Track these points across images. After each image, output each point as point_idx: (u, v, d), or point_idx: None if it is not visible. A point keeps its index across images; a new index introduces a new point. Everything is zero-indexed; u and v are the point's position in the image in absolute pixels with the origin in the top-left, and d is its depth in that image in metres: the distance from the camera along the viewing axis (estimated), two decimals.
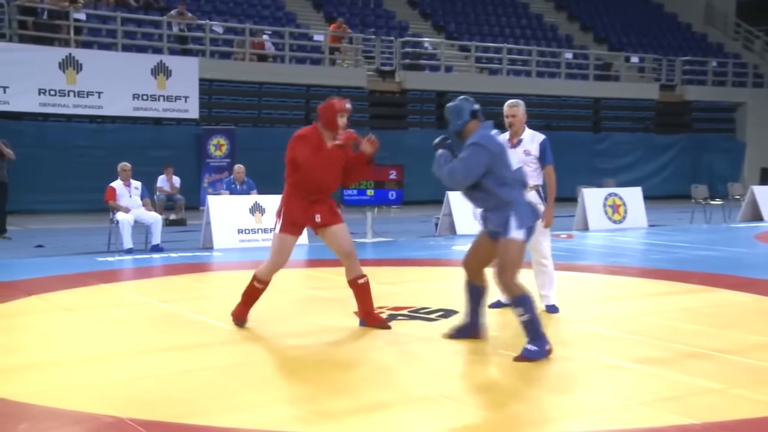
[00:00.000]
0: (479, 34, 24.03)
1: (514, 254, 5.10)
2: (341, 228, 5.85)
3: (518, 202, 5.17)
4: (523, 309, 5.07)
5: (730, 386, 4.55)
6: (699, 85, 25.18)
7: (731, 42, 28.75)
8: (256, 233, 11.64)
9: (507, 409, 4.23)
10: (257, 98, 19.70)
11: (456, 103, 5.34)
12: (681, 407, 4.19)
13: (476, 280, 5.51)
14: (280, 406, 4.22)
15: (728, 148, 25.06)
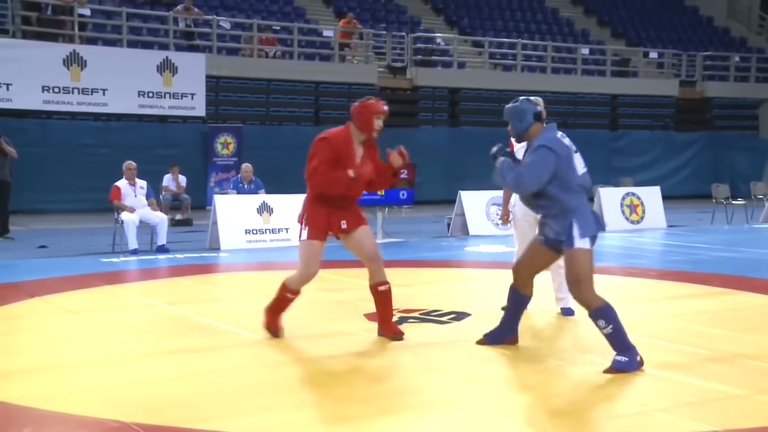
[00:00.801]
0: (493, 29, 24.00)
1: (584, 265, 4.94)
2: (365, 231, 5.67)
3: (582, 209, 5.03)
4: (605, 321, 4.91)
5: (753, 392, 4.52)
6: (720, 81, 25.04)
7: (755, 36, 28.57)
8: (263, 234, 11.66)
9: (521, 414, 4.22)
10: (265, 95, 19.75)
11: (517, 105, 5.17)
12: (701, 413, 4.16)
13: (524, 288, 5.39)
14: (287, 411, 4.23)
15: (751, 147, 24.92)
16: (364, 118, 5.54)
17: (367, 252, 5.66)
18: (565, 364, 5.19)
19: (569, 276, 5.01)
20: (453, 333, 6.01)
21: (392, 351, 5.48)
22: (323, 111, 20.28)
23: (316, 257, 5.61)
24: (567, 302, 6.61)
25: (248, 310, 7.09)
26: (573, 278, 4.98)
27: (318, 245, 5.60)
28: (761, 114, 25.99)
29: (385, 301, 5.72)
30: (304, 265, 5.63)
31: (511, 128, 5.19)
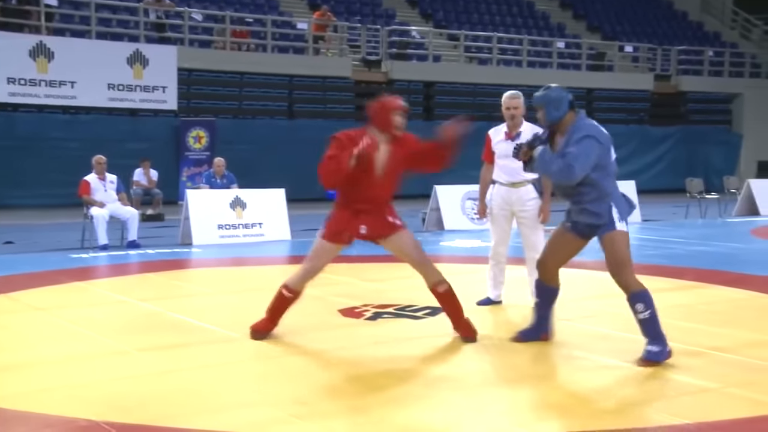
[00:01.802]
0: (468, 22, 24.05)
1: (624, 247, 4.96)
2: (402, 236, 5.49)
3: (616, 193, 5.06)
4: (644, 305, 4.91)
5: (725, 385, 4.59)
6: (695, 76, 25.31)
7: (728, 31, 28.90)
8: (236, 229, 11.62)
9: (495, 407, 4.25)
10: (238, 89, 19.65)
11: (553, 93, 5.12)
12: (675, 407, 4.22)
13: (551, 281, 5.37)
14: (261, 408, 4.22)
15: (724, 141, 25.23)
16: (382, 117, 5.38)
17: (409, 257, 5.52)
18: (541, 358, 5.23)
19: (611, 259, 4.98)
20: (428, 328, 6.03)
21: (367, 347, 5.49)
22: (297, 105, 20.22)
23: (323, 256, 5.51)
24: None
25: (221, 306, 7.08)
26: (615, 261, 4.96)
27: (330, 247, 5.48)
28: (734, 108, 26.31)
29: (447, 302, 5.57)
30: (308, 262, 5.56)
31: (543, 116, 5.11)
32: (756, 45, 28.19)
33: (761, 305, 6.94)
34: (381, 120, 5.39)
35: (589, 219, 5.03)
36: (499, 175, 6.64)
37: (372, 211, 5.41)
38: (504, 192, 6.62)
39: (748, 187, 16.72)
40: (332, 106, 20.67)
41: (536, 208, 6.59)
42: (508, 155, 6.55)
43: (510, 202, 6.60)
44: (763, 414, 4.10)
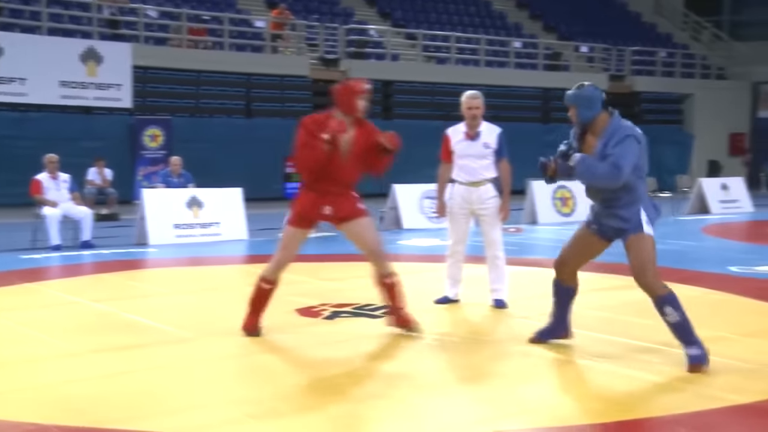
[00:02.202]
0: (426, 21, 24.13)
1: (650, 251, 4.86)
2: (363, 222, 5.55)
3: (646, 197, 4.99)
4: (673, 308, 4.79)
5: (678, 381, 4.66)
6: (648, 76, 25.72)
7: (680, 32, 29.44)
8: (193, 228, 11.50)
9: (453, 404, 4.25)
10: (195, 87, 19.45)
11: (586, 92, 4.99)
12: (629, 402, 4.27)
13: (570, 281, 5.30)
14: (216, 409, 4.17)
15: (677, 140, 25.67)
16: (347, 99, 5.45)
17: (366, 244, 5.59)
18: (498, 356, 5.26)
19: (635, 262, 4.88)
20: (386, 327, 6.02)
21: (324, 346, 5.46)
22: (255, 103, 20.09)
23: (293, 243, 5.56)
24: (501, 294, 6.70)
25: (177, 306, 7.00)
26: (640, 264, 4.86)
27: (296, 232, 5.53)
28: (686, 108, 26.81)
29: (391, 293, 5.65)
30: (279, 250, 5.60)
31: (576, 115, 5.00)
32: (706, 47, 28.75)
33: (713, 302, 7.06)
34: (345, 103, 5.45)
35: (619, 223, 4.94)
36: (459, 175, 6.67)
37: (337, 193, 5.49)
38: (464, 191, 6.64)
39: (700, 186, 17.04)
40: (290, 105, 20.57)
41: (496, 206, 6.64)
42: (468, 155, 6.59)
43: (470, 201, 6.64)
44: (714, 407, 4.17)
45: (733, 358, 5.07)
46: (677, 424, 3.95)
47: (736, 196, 17.31)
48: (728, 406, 4.18)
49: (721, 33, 29.00)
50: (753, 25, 30.64)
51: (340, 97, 5.46)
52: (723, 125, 26.97)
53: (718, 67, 27.80)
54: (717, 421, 4.00)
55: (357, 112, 5.47)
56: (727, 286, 7.69)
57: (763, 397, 4.30)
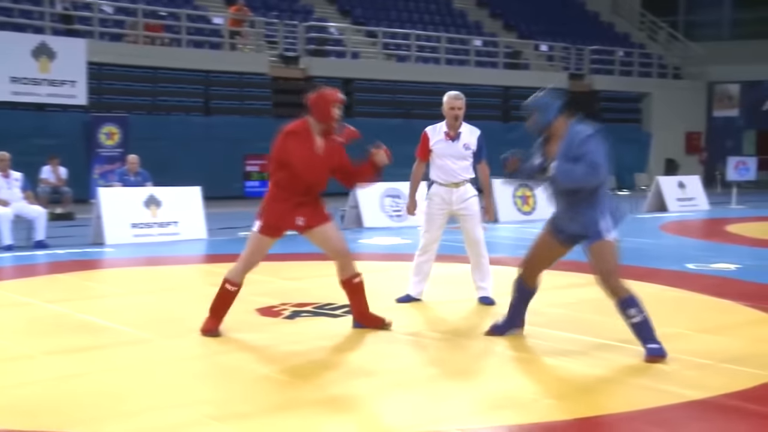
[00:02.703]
0: (387, 19, 24.14)
1: (613, 256, 5.00)
2: (330, 227, 5.64)
3: (607, 200, 5.06)
4: (636, 310, 4.96)
5: (636, 377, 4.72)
6: (606, 75, 26.06)
7: (637, 32, 29.87)
8: (151, 228, 11.36)
9: (417, 403, 4.26)
10: (152, 84, 19.21)
11: (544, 98, 5.11)
12: (589, 400, 4.32)
13: (532, 283, 5.43)
14: (175, 410, 4.12)
15: (635, 139, 26.04)
16: (322, 108, 5.49)
17: (333, 248, 5.65)
18: (459, 354, 5.28)
19: (599, 269, 5.01)
20: (347, 326, 6.01)
21: (285, 346, 5.43)
22: (213, 101, 19.91)
23: (261, 250, 5.59)
24: (488, 291, 6.75)
25: (134, 307, 6.90)
26: (604, 269, 5.00)
27: (266, 240, 5.55)
28: (644, 107, 27.22)
29: (359, 294, 5.74)
30: (247, 255, 5.59)
31: (534, 121, 5.08)
32: (662, 46, 29.21)
33: (669, 298, 7.17)
34: (321, 112, 5.50)
35: (579, 229, 5.05)
36: (438, 175, 6.69)
37: (309, 202, 5.56)
38: (443, 192, 6.67)
39: (657, 184, 17.30)
40: (249, 103, 20.44)
41: (476, 204, 6.71)
42: (447, 155, 6.60)
43: (449, 202, 6.67)
44: (672, 403, 4.23)
45: (691, 354, 5.15)
46: (635, 421, 4.01)
47: (693, 194, 17.62)
48: (686, 402, 4.24)
49: (676, 33, 29.48)
50: (707, 26, 31.23)
51: (315, 106, 5.51)
52: (680, 124, 27.43)
53: (674, 67, 28.26)
54: (675, 417, 4.06)
55: (332, 121, 5.52)
56: (684, 283, 7.82)
57: (720, 392, 4.38)
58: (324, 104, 5.49)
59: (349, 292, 5.76)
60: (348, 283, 5.71)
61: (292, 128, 5.51)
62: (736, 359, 5.02)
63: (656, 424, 3.95)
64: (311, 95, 5.53)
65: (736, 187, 18.92)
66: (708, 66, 28.00)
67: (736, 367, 4.85)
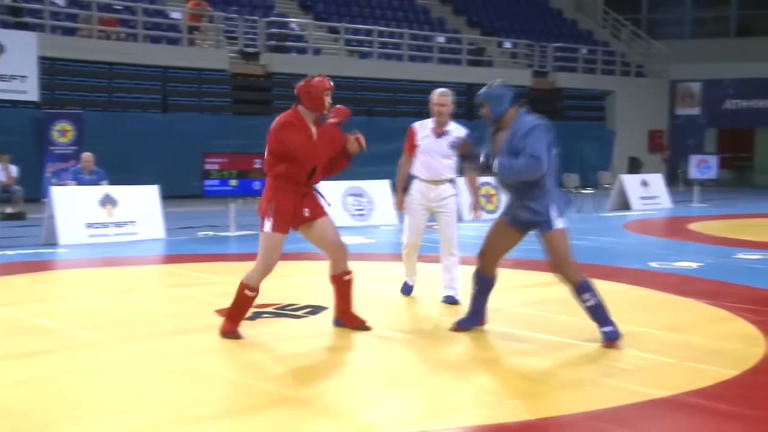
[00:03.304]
0: (349, 15, 24.11)
1: (565, 243, 5.26)
2: (329, 220, 5.64)
3: (556, 191, 5.30)
4: (590, 294, 5.25)
5: (599, 376, 4.78)
6: (570, 72, 26.31)
7: (600, 30, 30.22)
8: (107, 227, 11.22)
9: (371, 406, 4.27)
10: (107, 80, 18.96)
11: (496, 89, 5.34)
12: (552, 399, 4.37)
13: (491, 271, 5.62)
14: (131, 415, 4.08)
15: (599, 137, 26.34)
16: (314, 97, 5.48)
17: (332, 241, 5.65)
18: (420, 353, 5.30)
19: (553, 256, 5.27)
20: (309, 327, 6.00)
21: (245, 348, 5.41)
22: (172, 97, 19.71)
23: (277, 250, 5.49)
24: (453, 291, 6.85)
25: (89, 308, 6.81)
26: (557, 257, 5.26)
27: (281, 238, 5.48)
28: (607, 105, 27.54)
29: (347, 291, 5.74)
30: (263, 256, 5.47)
31: (488, 112, 5.31)
32: (625, 44, 29.59)
33: (633, 297, 7.27)
34: (314, 100, 5.49)
35: (531, 216, 5.29)
36: (421, 171, 6.80)
37: (310, 193, 5.58)
38: (424, 188, 6.79)
39: (621, 182, 17.52)
40: (209, 100, 20.28)
41: (453, 203, 6.87)
42: (432, 152, 6.72)
43: (429, 199, 6.80)
44: (633, 402, 4.29)
45: (653, 352, 5.24)
46: (597, 420, 4.06)
47: (656, 193, 17.88)
48: (647, 401, 4.31)
49: (639, 31, 29.89)
50: (669, 24, 31.73)
51: (308, 94, 5.48)
52: (643, 122, 27.82)
53: (637, 65, 28.64)
54: (636, 416, 4.13)
55: (324, 109, 5.53)
56: (647, 282, 7.93)
57: (681, 390, 4.46)
58: (316, 92, 5.47)
59: (337, 289, 5.76)
60: (338, 279, 5.72)
61: (286, 119, 5.48)
62: (697, 357, 5.11)
63: (618, 423, 4.01)
64: (301, 84, 5.52)
65: (698, 186, 19.24)
66: (670, 64, 28.44)
67: (697, 365, 4.94)
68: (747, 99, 28.36)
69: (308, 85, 5.50)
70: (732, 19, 31.22)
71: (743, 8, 31.13)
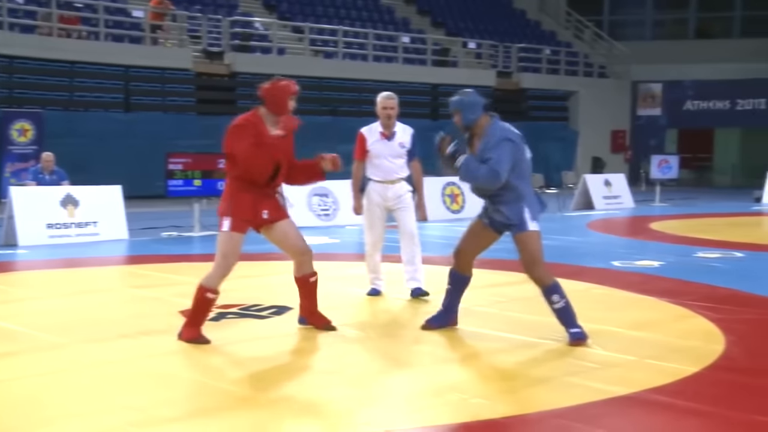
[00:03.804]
0: (313, 14, 24.06)
1: (537, 246, 5.39)
2: (290, 223, 5.58)
3: (529, 194, 5.43)
4: (559, 296, 5.38)
5: (563, 374, 4.84)
6: (534, 73, 26.53)
7: (563, 30, 30.51)
8: (68, 228, 11.09)
9: (337, 405, 4.27)
10: (68, 79, 18.72)
11: (468, 98, 5.43)
12: (517, 398, 4.41)
13: (466, 270, 5.71)
14: (94, 417, 4.04)
15: (562, 137, 26.60)
16: (279, 99, 5.44)
17: (293, 245, 5.61)
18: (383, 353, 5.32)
19: (524, 257, 5.40)
20: (274, 327, 5.99)
21: (209, 349, 5.38)
22: (134, 97, 19.52)
23: (236, 249, 5.42)
24: (419, 282, 6.98)
25: (50, 310, 6.72)
26: (530, 259, 5.38)
27: (239, 237, 5.42)
28: (571, 105, 27.82)
29: (312, 292, 5.73)
30: (223, 257, 5.39)
31: (460, 119, 5.42)
32: (588, 45, 29.92)
33: (596, 296, 7.36)
34: (278, 103, 5.45)
35: (504, 219, 5.43)
36: (375, 173, 6.94)
37: (270, 195, 5.53)
38: (380, 189, 6.95)
39: (584, 182, 17.71)
40: (172, 99, 20.11)
41: (411, 199, 7.03)
42: (384, 154, 6.89)
43: (386, 198, 6.95)
44: (597, 400, 4.35)
45: (616, 350, 5.31)
46: (561, 418, 4.11)
47: (619, 192, 18.11)
48: (610, 398, 4.37)
49: (601, 32, 30.23)
50: (631, 26, 32.16)
51: (272, 97, 5.44)
52: (605, 122, 28.14)
53: (599, 66, 28.96)
54: (599, 413, 4.18)
55: (287, 112, 5.49)
56: (610, 281, 8.04)
57: (643, 387, 4.52)
58: (281, 95, 5.44)
59: (302, 290, 5.74)
60: (304, 281, 5.70)
61: (239, 121, 5.43)
62: (659, 355, 5.19)
63: (581, 421, 4.06)
64: (265, 86, 5.48)
65: (659, 185, 19.51)
66: (632, 65, 28.81)
67: (659, 363, 5.02)
68: (706, 100, 28.83)
69: (273, 88, 5.47)
70: (691, 21, 31.73)
71: (701, 11, 31.67)
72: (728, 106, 28.63)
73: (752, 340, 5.65)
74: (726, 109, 28.68)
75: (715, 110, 28.81)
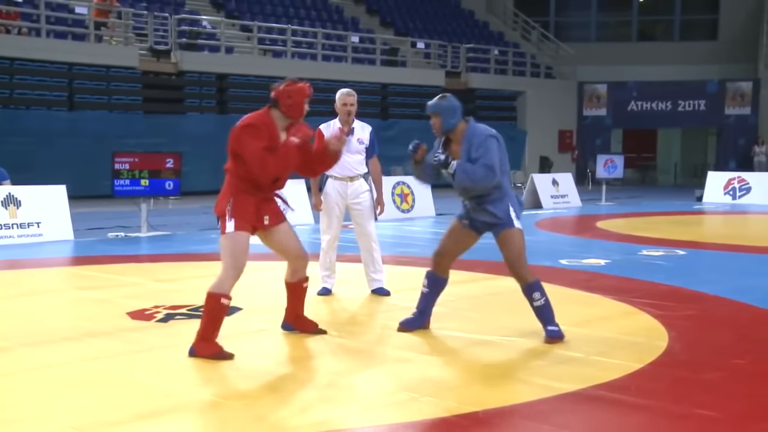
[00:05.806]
0: (261, 13, 23.92)
1: (521, 243, 5.45)
2: (289, 227, 5.41)
3: (511, 192, 5.49)
4: (540, 293, 5.45)
5: (511, 372, 4.89)
6: (482, 73, 26.77)
7: (511, 31, 30.85)
8: (10, 229, 10.83)
9: (288, 407, 4.25)
10: (8, 76, 18.30)
11: (448, 102, 5.45)
12: (466, 396, 4.43)
13: (444, 272, 5.73)
14: (36, 422, 3.95)
15: (511, 137, 26.82)
16: (295, 102, 5.12)
17: (292, 249, 5.45)
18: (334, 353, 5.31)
19: (509, 255, 5.43)
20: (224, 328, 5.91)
21: (158, 351, 5.30)
22: (78, 95, 19.17)
23: (245, 251, 5.12)
24: (382, 283, 7.06)
25: None
26: (514, 256, 5.42)
27: (246, 237, 5.13)
28: (519, 105, 28.14)
29: (301, 297, 5.65)
30: (232, 260, 5.07)
31: (440, 123, 5.42)
32: (535, 46, 30.29)
33: None
34: (294, 107, 5.14)
35: (490, 219, 5.45)
36: (333, 170, 6.85)
37: (271, 198, 5.36)
38: (339, 186, 6.97)
39: (532, 181, 17.92)
40: (118, 98, 19.80)
41: (369, 199, 7.04)
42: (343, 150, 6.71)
43: (344, 196, 6.98)
44: (546, 396, 4.40)
45: (563, 348, 5.38)
46: (512, 415, 4.14)
47: (566, 191, 18.37)
48: (558, 395, 4.42)
49: (548, 33, 30.63)
50: (576, 27, 32.66)
51: (289, 99, 5.12)
52: (553, 122, 28.53)
53: (546, 66, 29.35)
54: (548, 410, 4.23)
55: (302, 116, 5.23)
56: (557, 279, 8.13)
57: (590, 383, 4.59)
58: (299, 98, 5.14)
59: (293, 295, 5.62)
60: (297, 286, 5.57)
61: (252, 120, 5.12)
62: (604, 351, 5.28)
63: (530, 418, 4.10)
64: (280, 87, 5.18)
65: (605, 185, 19.85)
66: (577, 66, 29.25)
67: (605, 359, 5.10)
68: (649, 101, 29.43)
69: (290, 90, 5.14)
70: (633, 24, 32.36)
71: (643, 14, 32.32)
72: (670, 107, 29.27)
73: (693, 336, 5.78)
74: (668, 110, 29.31)
75: (657, 111, 29.42)
